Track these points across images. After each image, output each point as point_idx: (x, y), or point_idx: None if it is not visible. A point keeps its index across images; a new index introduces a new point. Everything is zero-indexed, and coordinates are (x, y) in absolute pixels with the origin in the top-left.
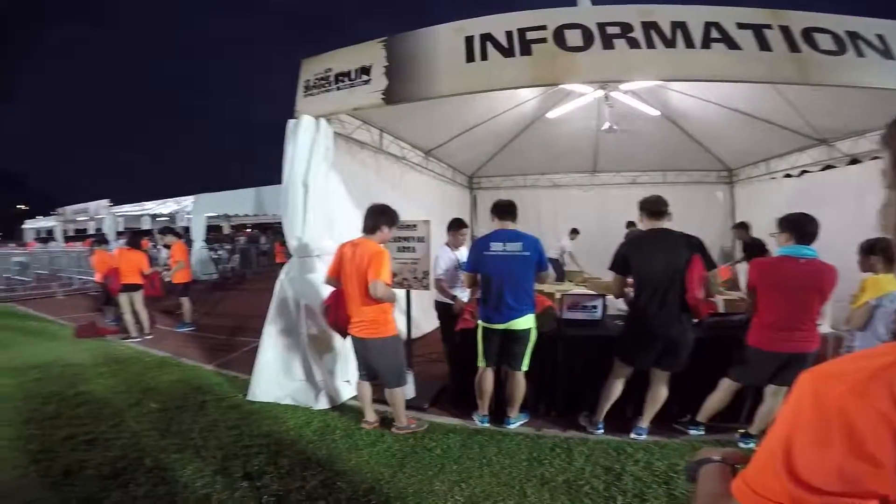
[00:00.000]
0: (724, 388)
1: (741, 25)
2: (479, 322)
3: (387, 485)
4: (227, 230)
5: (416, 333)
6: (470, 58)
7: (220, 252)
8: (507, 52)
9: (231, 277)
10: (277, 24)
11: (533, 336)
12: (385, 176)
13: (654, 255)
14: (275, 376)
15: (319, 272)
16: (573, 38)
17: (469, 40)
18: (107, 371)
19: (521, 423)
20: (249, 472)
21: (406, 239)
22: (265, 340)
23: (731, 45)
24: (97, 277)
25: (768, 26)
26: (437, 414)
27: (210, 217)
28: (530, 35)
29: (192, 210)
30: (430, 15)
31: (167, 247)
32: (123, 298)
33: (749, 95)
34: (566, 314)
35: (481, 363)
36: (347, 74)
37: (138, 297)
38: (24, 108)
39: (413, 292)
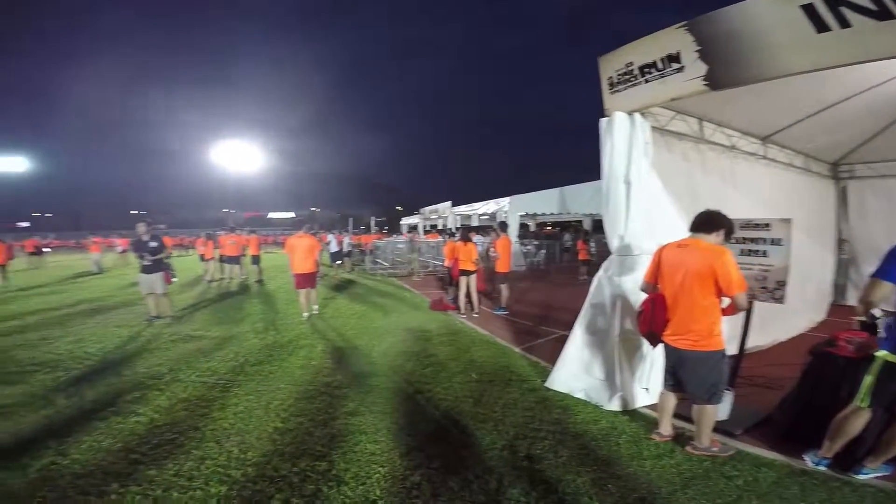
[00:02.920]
0: None
1: None
2: (882, 354)
3: (662, 500)
4: (532, 228)
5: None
6: (821, 27)
7: (528, 247)
8: (882, 15)
9: (537, 270)
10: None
11: None
12: (711, 168)
13: None
14: (575, 369)
15: (640, 273)
16: None
17: (809, 8)
18: (446, 340)
19: (878, 475)
20: (531, 455)
21: (753, 241)
22: (575, 333)
23: None
24: (446, 263)
25: None
26: (750, 444)
27: (521, 216)
28: None
29: (509, 210)
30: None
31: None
32: (462, 281)
33: None
34: None
35: (862, 403)
36: (653, 65)
37: (473, 280)
38: (393, 135)
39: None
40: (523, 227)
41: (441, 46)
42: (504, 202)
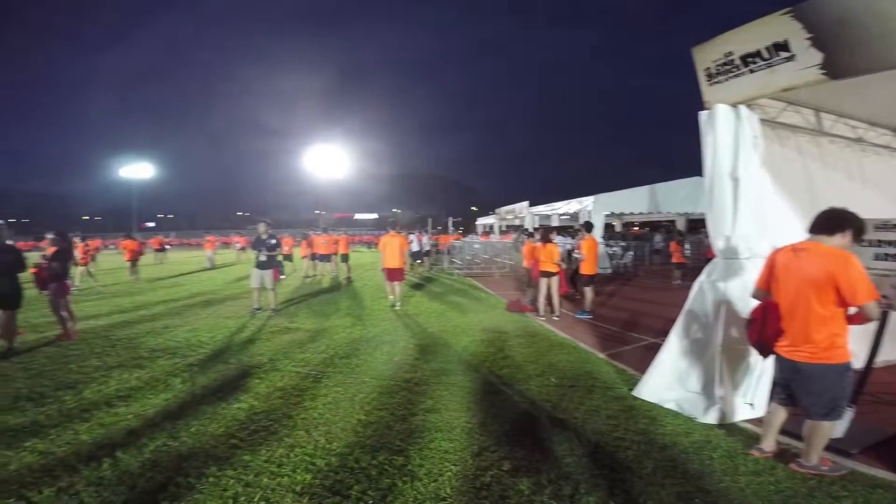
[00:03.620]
0: None
1: None
2: None
3: None
4: (618, 228)
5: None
6: None
7: (614, 248)
8: None
9: (624, 273)
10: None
11: None
12: (833, 163)
13: None
14: (667, 379)
15: (748, 277)
16: None
17: None
18: (524, 342)
19: None
20: (613, 463)
21: (892, 244)
22: (670, 341)
23: None
24: (525, 263)
25: None
26: (866, 463)
27: (606, 215)
28: None
29: (593, 209)
30: None
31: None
32: (542, 283)
33: None
34: None
35: None
36: (757, 54)
37: (554, 282)
38: (470, 135)
39: None
40: (608, 227)
41: (521, 44)
42: (587, 201)
